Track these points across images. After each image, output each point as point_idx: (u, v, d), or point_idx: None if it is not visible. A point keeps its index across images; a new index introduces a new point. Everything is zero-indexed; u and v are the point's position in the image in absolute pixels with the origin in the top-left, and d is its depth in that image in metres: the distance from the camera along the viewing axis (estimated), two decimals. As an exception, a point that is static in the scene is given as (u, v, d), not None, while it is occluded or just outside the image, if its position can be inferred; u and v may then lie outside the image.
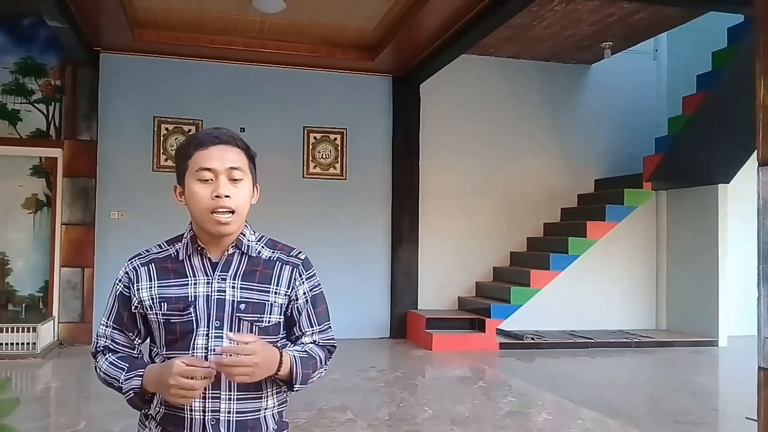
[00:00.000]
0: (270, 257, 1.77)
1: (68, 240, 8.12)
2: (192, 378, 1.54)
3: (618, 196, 9.28)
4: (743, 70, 7.35)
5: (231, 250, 1.73)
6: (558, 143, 10.00)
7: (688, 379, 7.02)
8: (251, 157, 1.76)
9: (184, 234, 1.76)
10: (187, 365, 1.55)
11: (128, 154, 8.34)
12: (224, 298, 1.68)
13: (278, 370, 1.64)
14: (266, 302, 1.71)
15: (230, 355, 1.57)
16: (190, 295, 1.68)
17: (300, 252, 1.82)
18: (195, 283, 1.69)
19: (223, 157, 1.67)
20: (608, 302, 9.61)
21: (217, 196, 1.65)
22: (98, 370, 1.76)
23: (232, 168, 1.68)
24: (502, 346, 8.39)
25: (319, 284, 1.84)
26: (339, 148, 9.10)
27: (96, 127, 8.29)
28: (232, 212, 1.67)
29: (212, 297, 1.68)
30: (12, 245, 8.14)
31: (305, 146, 9.01)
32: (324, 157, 9.06)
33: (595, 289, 9.51)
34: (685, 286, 9.41)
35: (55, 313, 8.01)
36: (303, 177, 9.00)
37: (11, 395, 1.99)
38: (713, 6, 7.42)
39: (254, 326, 1.69)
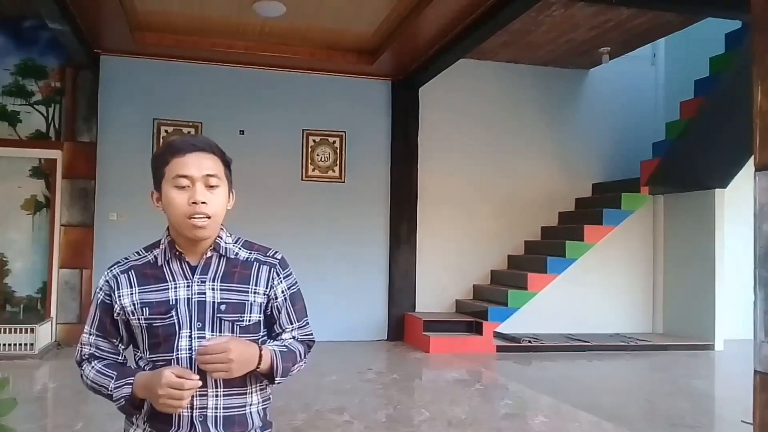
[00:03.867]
0: (247, 258, 1.82)
1: (67, 241, 8.13)
2: (180, 389, 1.60)
3: (615, 201, 9.30)
4: (741, 76, 7.39)
5: (209, 253, 1.78)
6: (556, 147, 10.03)
7: (685, 382, 7.04)
8: (227, 164, 1.81)
9: (161, 240, 1.80)
10: (177, 376, 1.60)
11: (128, 156, 8.33)
12: (205, 300, 1.73)
13: (259, 364, 1.70)
14: (246, 302, 1.77)
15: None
16: (171, 299, 1.73)
17: (276, 252, 1.88)
18: (175, 287, 1.74)
19: (199, 164, 1.72)
20: (605, 306, 9.64)
21: (194, 203, 1.69)
22: (85, 378, 1.80)
23: (208, 175, 1.72)
24: (500, 348, 8.40)
25: (296, 282, 1.90)
26: (338, 151, 9.13)
27: (96, 129, 8.30)
28: (209, 217, 1.71)
29: (193, 300, 1.73)
30: (11, 246, 8.14)
31: (304, 149, 9.02)
32: (323, 160, 9.08)
33: (593, 292, 9.54)
34: (681, 290, 9.44)
35: (53, 314, 8.01)
36: (302, 180, 9.01)
37: (9, 396, 2.00)
38: (711, 12, 7.44)
39: (235, 326, 1.75)
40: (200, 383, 1.63)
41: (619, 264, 9.74)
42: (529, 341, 8.56)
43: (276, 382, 1.78)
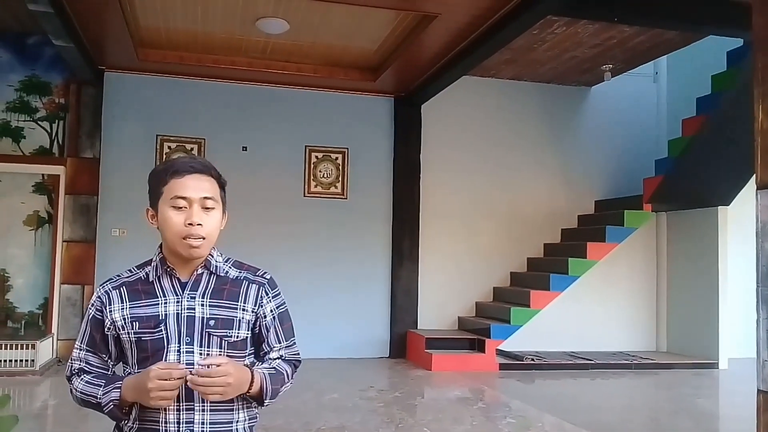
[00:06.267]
0: (237, 276, 1.87)
1: (69, 257, 8.13)
2: (168, 380, 1.63)
3: (618, 218, 9.29)
4: (742, 94, 7.39)
5: (200, 270, 1.82)
6: (558, 164, 10.03)
7: (689, 401, 6.98)
8: (222, 186, 1.86)
9: (152, 258, 1.85)
10: (163, 369, 1.64)
11: (130, 172, 8.31)
12: (194, 316, 1.77)
13: (250, 388, 1.74)
14: (234, 318, 1.81)
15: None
16: (160, 313, 1.77)
17: (265, 272, 1.93)
18: (165, 303, 1.78)
19: (197, 187, 1.77)
20: (608, 323, 9.59)
21: (190, 224, 1.75)
22: (74, 391, 1.82)
23: (205, 197, 1.78)
24: (502, 366, 8.35)
25: (284, 302, 1.94)
26: (340, 167, 9.14)
27: (99, 145, 8.33)
28: (203, 238, 1.76)
29: (182, 315, 1.77)
30: (12, 262, 8.15)
31: (307, 165, 9.04)
32: (325, 176, 9.09)
33: (595, 310, 9.49)
34: (685, 307, 9.39)
35: (54, 330, 7.99)
36: (304, 196, 9.02)
37: (10, 412, 1.99)
38: (713, 30, 7.47)
39: (223, 341, 1.79)
40: (188, 372, 1.65)
41: (622, 281, 9.70)
42: (532, 359, 8.51)
43: (265, 404, 1.82)
